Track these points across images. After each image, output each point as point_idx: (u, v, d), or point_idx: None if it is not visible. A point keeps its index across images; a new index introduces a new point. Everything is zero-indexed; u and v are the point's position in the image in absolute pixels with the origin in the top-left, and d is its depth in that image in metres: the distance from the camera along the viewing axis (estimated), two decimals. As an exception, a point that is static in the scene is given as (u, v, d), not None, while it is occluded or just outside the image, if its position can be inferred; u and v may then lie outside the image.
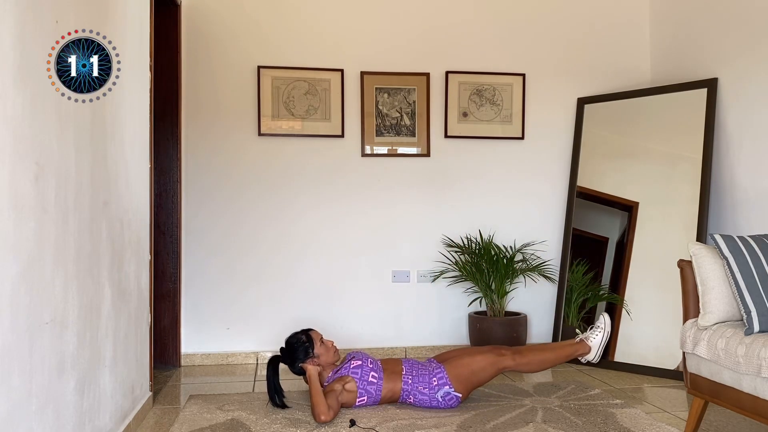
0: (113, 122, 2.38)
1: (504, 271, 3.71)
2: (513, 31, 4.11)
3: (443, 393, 2.81)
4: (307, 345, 2.90)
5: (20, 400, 1.62)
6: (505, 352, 2.91)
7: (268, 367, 2.89)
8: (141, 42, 2.80)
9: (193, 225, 3.79)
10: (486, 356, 2.88)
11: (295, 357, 2.90)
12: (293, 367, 2.92)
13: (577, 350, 2.97)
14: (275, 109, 3.85)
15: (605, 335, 2.96)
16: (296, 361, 2.89)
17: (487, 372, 2.86)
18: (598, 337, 2.96)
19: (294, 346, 2.91)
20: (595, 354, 2.95)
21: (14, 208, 1.57)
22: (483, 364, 2.86)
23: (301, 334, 2.95)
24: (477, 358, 2.87)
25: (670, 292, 3.46)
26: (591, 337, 2.97)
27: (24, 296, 1.63)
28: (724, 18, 3.54)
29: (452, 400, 2.83)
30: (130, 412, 2.61)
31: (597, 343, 2.95)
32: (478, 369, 2.85)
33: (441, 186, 4.01)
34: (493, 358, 2.86)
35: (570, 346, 2.98)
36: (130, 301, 2.61)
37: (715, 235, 2.41)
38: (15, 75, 1.58)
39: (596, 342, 2.95)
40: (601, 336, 2.96)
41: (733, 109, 3.47)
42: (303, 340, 2.91)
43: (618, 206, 3.83)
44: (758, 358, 2.07)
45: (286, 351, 2.93)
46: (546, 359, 2.95)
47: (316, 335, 2.96)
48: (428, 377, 2.83)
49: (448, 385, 2.81)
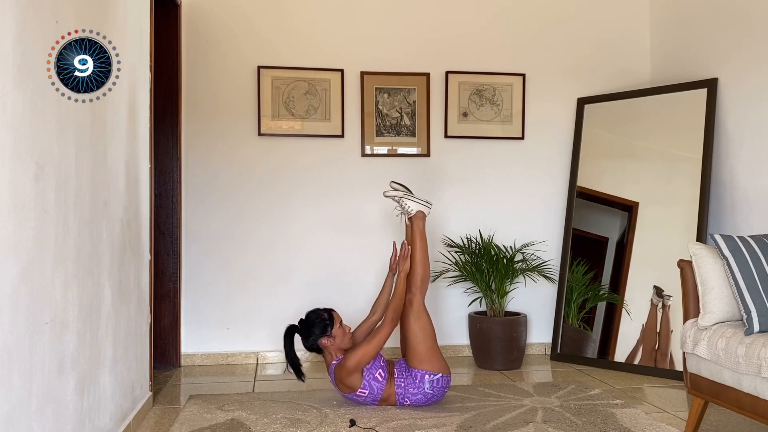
0: (113, 122, 2.38)
1: (504, 271, 3.71)
2: (513, 31, 4.11)
3: (428, 383, 2.81)
4: (327, 323, 2.87)
5: (20, 400, 1.62)
6: (410, 296, 2.95)
7: (284, 337, 2.87)
8: (141, 42, 2.80)
9: (193, 225, 3.79)
10: (410, 319, 2.91)
11: (311, 331, 2.87)
12: (307, 341, 2.89)
13: (417, 225, 3.08)
14: (275, 109, 3.85)
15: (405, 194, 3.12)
16: (311, 336, 2.87)
17: (421, 320, 2.91)
18: (408, 202, 3.10)
19: (314, 321, 2.88)
20: (417, 205, 3.10)
21: (14, 208, 1.58)
22: (415, 326, 2.90)
23: (323, 311, 2.92)
24: (410, 329, 2.90)
25: (670, 293, 3.47)
26: (407, 208, 3.10)
27: (24, 296, 1.63)
28: (723, 18, 3.54)
29: (440, 382, 2.83)
30: (130, 412, 2.61)
31: (413, 204, 3.10)
32: (419, 332, 2.88)
33: (441, 186, 4.01)
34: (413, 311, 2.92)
35: (412, 229, 3.10)
36: (130, 301, 2.61)
37: (715, 235, 2.41)
38: (15, 75, 1.58)
39: (412, 205, 3.10)
40: (409, 200, 3.10)
41: (733, 109, 3.47)
42: (324, 317, 2.89)
43: (618, 206, 3.83)
44: (758, 358, 2.07)
45: (305, 324, 2.90)
46: (419, 258, 3.02)
47: (338, 317, 2.93)
48: (410, 376, 2.85)
49: (427, 374, 2.82)
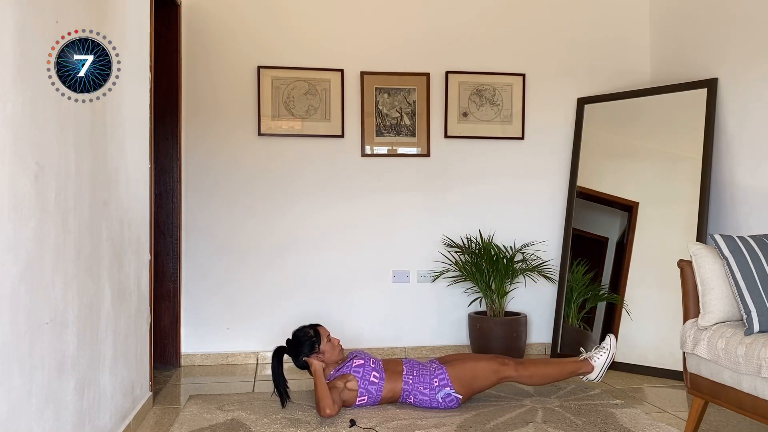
0: (113, 122, 2.38)
1: (504, 271, 3.71)
2: (513, 31, 4.11)
3: (444, 394, 2.81)
4: (314, 340, 2.89)
5: (20, 400, 1.62)
6: (508, 361, 2.91)
7: (273, 358, 2.89)
8: (141, 42, 2.80)
9: (193, 225, 3.79)
10: (489, 363, 2.88)
11: (300, 350, 2.89)
12: (297, 360, 2.91)
13: (580, 368, 2.95)
14: (275, 109, 3.85)
15: (610, 356, 2.94)
16: (300, 355, 2.89)
17: (488, 379, 2.87)
18: (603, 357, 2.94)
19: (301, 340, 2.91)
20: (597, 374, 2.94)
21: (14, 208, 1.57)
22: (485, 370, 2.86)
23: (309, 329, 2.94)
24: (480, 364, 2.88)
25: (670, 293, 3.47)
26: (596, 356, 2.95)
27: (24, 296, 1.63)
28: (724, 18, 3.54)
29: (452, 401, 2.83)
30: (130, 412, 2.61)
31: (601, 363, 2.94)
32: (480, 374, 2.86)
33: (441, 186, 4.01)
34: (496, 366, 2.87)
35: (574, 363, 2.97)
36: (130, 302, 2.61)
37: (715, 235, 2.41)
38: (15, 75, 1.58)
39: (600, 362, 2.94)
40: (605, 356, 2.94)
41: (733, 109, 3.47)
42: (310, 335, 2.90)
43: (618, 206, 3.83)
44: (758, 358, 2.07)
45: (293, 343, 2.93)
46: (548, 374, 2.94)
47: (324, 331, 2.95)
48: (429, 378, 2.83)
49: (449, 387, 2.81)
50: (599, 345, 3.02)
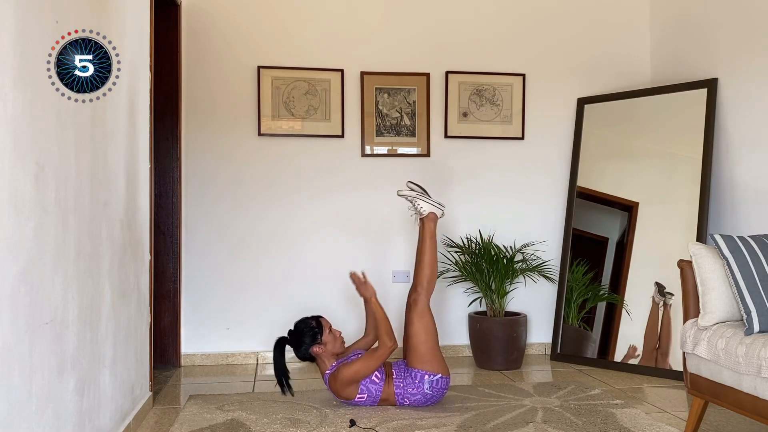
0: (113, 122, 2.38)
1: (504, 271, 3.71)
2: (513, 31, 4.11)
3: (427, 383, 2.81)
4: (316, 331, 2.88)
5: (20, 400, 1.62)
6: (416, 296, 2.94)
7: (274, 349, 2.87)
8: (141, 42, 2.80)
9: (193, 225, 3.79)
10: (413, 318, 2.90)
11: (302, 341, 2.88)
12: (298, 351, 2.90)
13: (428, 226, 3.05)
14: (275, 109, 3.85)
15: (419, 195, 3.09)
16: (302, 345, 2.87)
17: (425, 321, 2.89)
18: (421, 203, 3.07)
19: (303, 330, 2.89)
20: (429, 207, 3.07)
21: (14, 208, 1.57)
22: (418, 326, 2.89)
23: (311, 320, 2.93)
24: (413, 328, 2.89)
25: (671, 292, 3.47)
26: (420, 209, 3.07)
27: (24, 296, 1.63)
28: (724, 18, 3.54)
29: (439, 383, 2.83)
30: (130, 412, 2.61)
31: (427, 206, 3.06)
32: (422, 332, 2.87)
33: (441, 186, 4.00)
34: (417, 310, 2.90)
35: (422, 229, 3.07)
36: (130, 302, 2.61)
37: (715, 235, 2.41)
38: (15, 75, 1.58)
39: (424, 206, 3.06)
40: (421, 201, 3.07)
41: (733, 109, 3.47)
42: (312, 326, 2.90)
43: (618, 206, 3.83)
44: (758, 358, 2.07)
45: (294, 334, 2.91)
46: (427, 260, 3.01)
47: (326, 323, 2.94)
48: (409, 377, 2.84)
49: (426, 374, 2.82)
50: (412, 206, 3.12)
